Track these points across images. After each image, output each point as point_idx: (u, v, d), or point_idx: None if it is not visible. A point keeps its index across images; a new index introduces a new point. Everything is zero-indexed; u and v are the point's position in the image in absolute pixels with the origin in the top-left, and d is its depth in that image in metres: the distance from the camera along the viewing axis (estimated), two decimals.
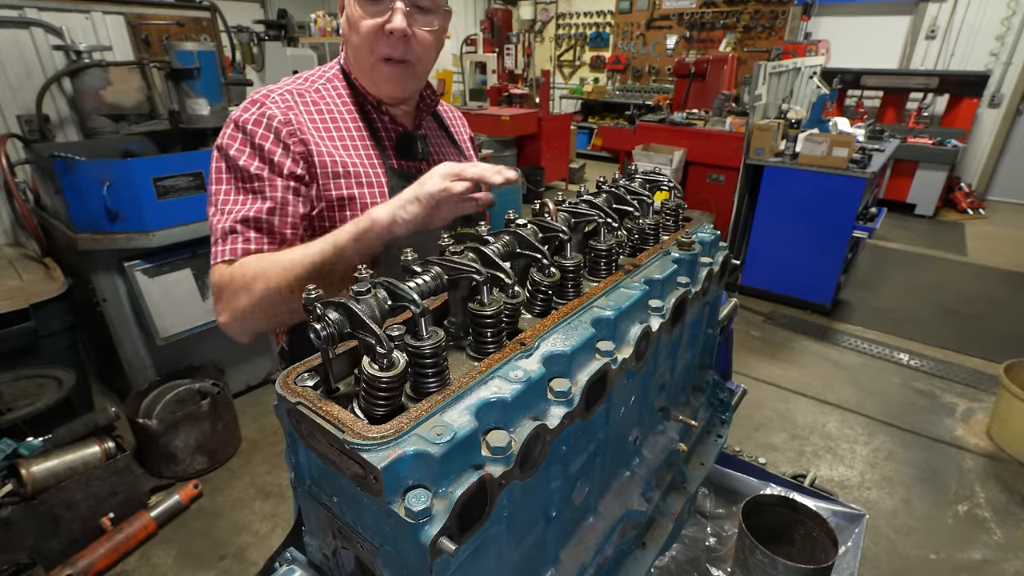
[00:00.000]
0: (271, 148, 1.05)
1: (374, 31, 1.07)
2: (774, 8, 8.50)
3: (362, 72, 1.16)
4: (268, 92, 1.11)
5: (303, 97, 1.14)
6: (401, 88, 1.17)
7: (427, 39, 1.12)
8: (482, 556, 0.65)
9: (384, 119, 1.22)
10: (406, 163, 1.23)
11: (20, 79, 3.46)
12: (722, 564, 1.25)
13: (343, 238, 0.94)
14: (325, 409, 0.58)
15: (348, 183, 1.12)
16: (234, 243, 1.03)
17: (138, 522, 2.48)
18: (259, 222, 1.04)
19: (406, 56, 1.10)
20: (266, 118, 1.06)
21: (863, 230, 4.84)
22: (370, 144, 1.19)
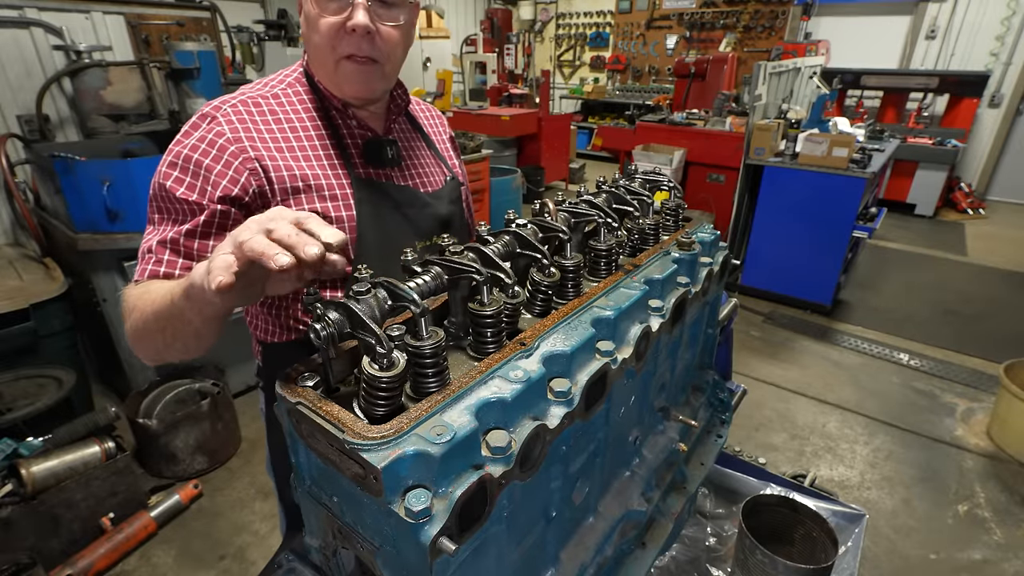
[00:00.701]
0: (210, 165, 0.96)
1: (334, 29, 0.99)
2: (774, 8, 8.50)
3: (325, 73, 1.08)
4: (221, 104, 1.03)
5: (259, 106, 1.06)
6: (367, 88, 1.08)
7: (393, 35, 1.03)
8: (482, 556, 0.65)
9: (351, 123, 1.13)
10: (375, 171, 1.15)
11: (20, 79, 3.46)
12: (722, 564, 1.25)
13: (178, 290, 0.78)
14: (325, 409, 0.58)
15: (309, 197, 1.05)
16: (146, 264, 0.95)
17: (138, 522, 2.48)
18: (175, 244, 0.95)
19: (371, 54, 1.02)
20: (212, 135, 0.99)
21: (863, 230, 4.84)
22: (334, 153, 1.10)
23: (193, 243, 0.96)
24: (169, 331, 0.85)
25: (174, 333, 0.85)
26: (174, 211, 0.97)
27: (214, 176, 0.97)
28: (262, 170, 1.00)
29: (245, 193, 0.99)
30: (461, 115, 6.74)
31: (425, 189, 1.23)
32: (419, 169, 1.24)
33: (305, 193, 1.04)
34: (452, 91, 7.16)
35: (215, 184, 0.96)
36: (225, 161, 0.98)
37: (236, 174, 0.98)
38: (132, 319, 0.91)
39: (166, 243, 0.96)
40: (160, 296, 0.84)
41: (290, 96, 1.11)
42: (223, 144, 0.98)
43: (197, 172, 0.97)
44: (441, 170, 1.30)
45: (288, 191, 1.03)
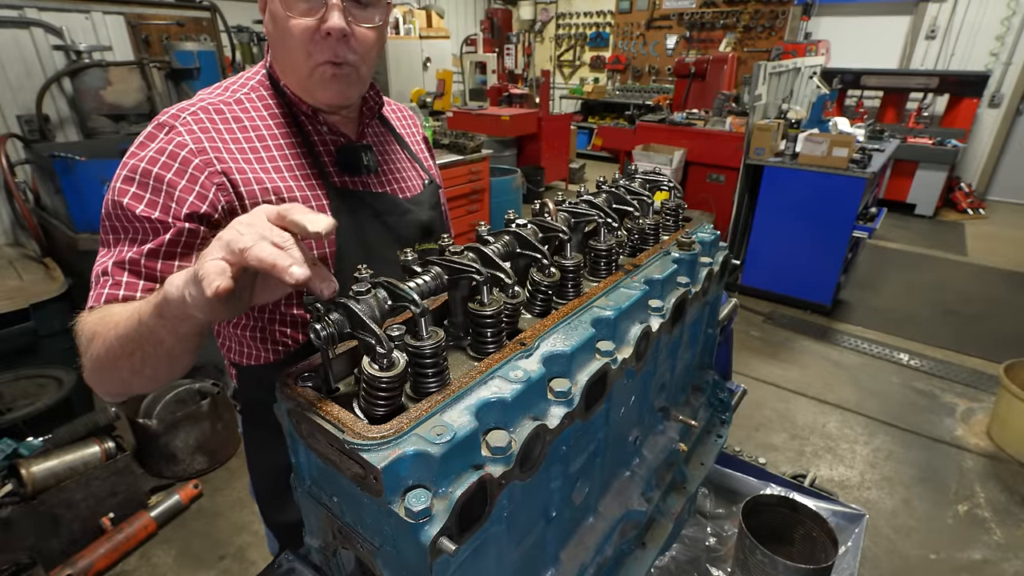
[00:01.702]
0: (172, 180, 0.88)
1: (307, 32, 0.92)
2: (774, 8, 8.50)
3: (296, 79, 1.00)
4: (179, 112, 0.94)
5: (222, 113, 0.97)
6: (343, 95, 1.01)
7: (369, 37, 0.97)
8: (482, 556, 0.65)
9: (321, 130, 1.06)
10: (351, 179, 1.08)
11: (20, 79, 3.46)
12: (722, 564, 1.25)
13: (145, 310, 0.72)
14: (325, 409, 0.58)
15: None
16: (102, 287, 0.86)
17: (138, 522, 2.48)
18: (135, 264, 0.86)
19: (348, 59, 0.96)
20: (172, 146, 0.90)
21: (863, 230, 4.84)
22: (306, 162, 1.03)
23: (156, 264, 0.87)
24: (138, 356, 0.76)
25: (143, 358, 0.76)
26: (132, 230, 0.88)
27: (179, 192, 0.88)
28: (230, 184, 0.92)
29: (214, 210, 0.90)
30: (461, 115, 6.74)
31: (404, 195, 1.18)
32: (397, 174, 1.19)
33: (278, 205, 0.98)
34: (452, 91, 7.16)
35: (180, 200, 0.87)
36: (190, 175, 0.89)
37: (203, 189, 0.89)
38: (92, 348, 0.81)
39: (124, 264, 0.86)
40: (125, 318, 0.76)
41: (254, 101, 1.02)
42: (186, 156, 0.89)
43: (158, 188, 0.87)
44: (418, 173, 1.25)
45: (260, 204, 0.93)
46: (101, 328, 0.80)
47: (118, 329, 0.77)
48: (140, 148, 0.91)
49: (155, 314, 0.70)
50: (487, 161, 4.78)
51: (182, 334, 0.72)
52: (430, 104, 6.81)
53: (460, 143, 4.63)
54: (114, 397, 0.91)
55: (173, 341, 0.73)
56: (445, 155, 4.50)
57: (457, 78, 8.49)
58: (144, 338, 0.74)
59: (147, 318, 0.72)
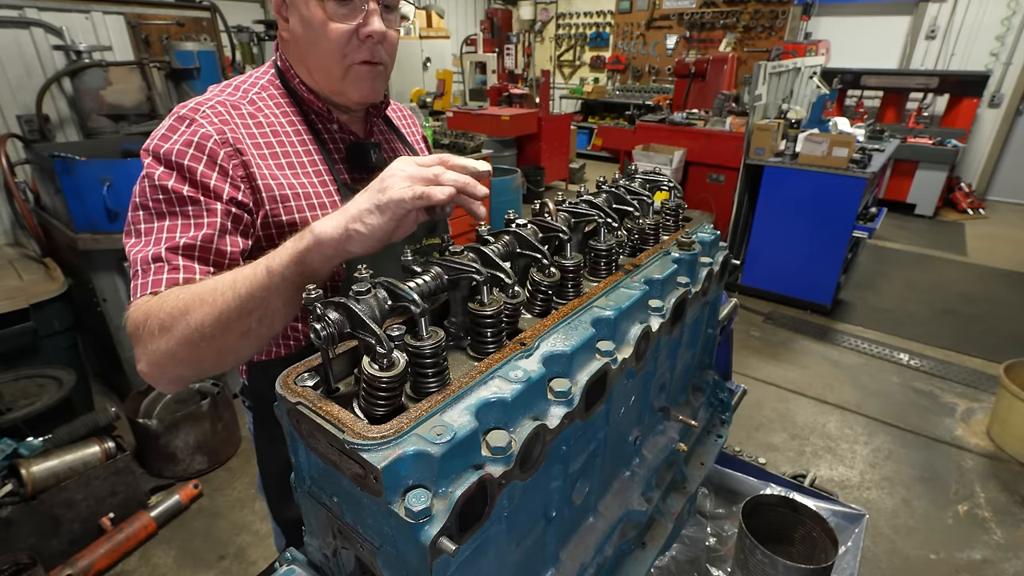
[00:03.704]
0: (205, 172, 0.89)
1: (346, 36, 0.96)
2: (774, 8, 8.50)
3: (327, 80, 1.03)
4: (197, 105, 0.96)
5: (237, 109, 0.99)
6: (375, 92, 1.06)
7: (395, 39, 1.05)
8: (482, 556, 0.65)
9: (332, 128, 1.10)
10: (359, 176, 1.12)
11: (20, 79, 3.46)
12: (722, 564, 1.25)
13: (279, 262, 0.76)
14: (325, 409, 0.58)
15: (299, 206, 1.00)
16: (159, 273, 0.85)
17: (138, 522, 2.48)
18: (193, 250, 0.87)
19: (382, 58, 1.02)
20: (198, 138, 0.91)
21: (863, 230, 4.84)
22: (318, 159, 1.06)
23: (212, 247, 0.88)
24: (255, 316, 0.78)
25: (260, 317, 0.78)
26: (180, 214, 0.89)
27: (213, 183, 0.91)
28: (249, 177, 0.95)
29: (248, 199, 0.94)
30: (461, 115, 6.74)
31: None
32: None
33: (294, 201, 1.00)
34: (452, 91, 7.16)
35: (218, 190, 0.91)
36: (220, 167, 0.91)
37: (235, 180, 0.93)
38: (174, 330, 0.79)
39: (177, 250, 0.87)
40: (242, 279, 0.77)
41: (265, 100, 1.05)
42: (212, 148, 0.91)
43: (195, 180, 0.90)
44: None
45: (276, 199, 0.98)
46: (199, 301, 0.78)
47: (235, 291, 0.77)
48: (164, 140, 0.91)
49: (295, 262, 0.76)
50: (487, 161, 4.77)
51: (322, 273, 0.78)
52: (430, 104, 6.81)
53: (460, 143, 4.63)
54: (180, 382, 0.89)
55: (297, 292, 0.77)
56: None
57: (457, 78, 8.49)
58: (273, 293, 0.77)
59: (282, 268, 0.76)
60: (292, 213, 0.99)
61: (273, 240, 0.99)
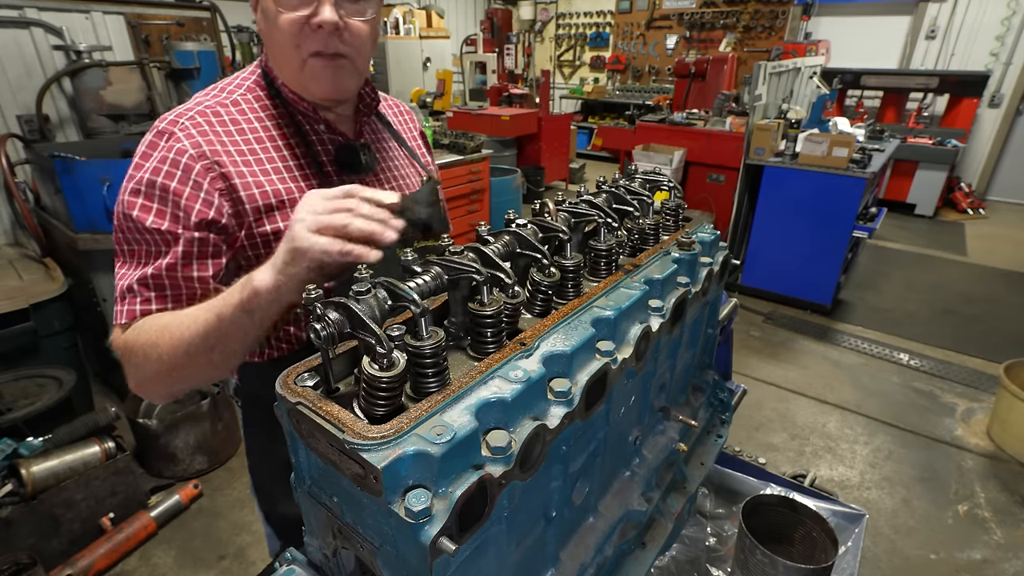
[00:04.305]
0: (178, 188, 0.89)
1: (298, 25, 0.92)
2: (774, 8, 8.50)
3: (290, 74, 1.00)
4: (177, 117, 0.95)
5: (219, 116, 0.97)
6: (337, 87, 1.00)
7: (362, 30, 0.97)
8: (482, 556, 0.65)
9: (319, 129, 1.06)
10: (349, 178, 1.07)
11: (20, 79, 3.47)
12: (722, 564, 1.25)
13: (228, 308, 0.79)
14: (325, 409, 0.58)
15: (283, 214, 0.98)
16: (131, 304, 0.90)
17: (138, 522, 2.48)
18: (158, 279, 0.89)
19: (340, 50, 0.96)
20: (173, 153, 0.90)
21: (863, 230, 4.84)
22: (304, 162, 1.03)
23: (177, 275, 0.90)
24: (218, 351, 0.83)
25: (223, 352, 0.83)
26: (146, 242, 0.90)
27: (185, 200, 0.89)
28: (230, 189, 0.93)
29: (221, 215, 0.92)
30: (461, 115, 6.74)
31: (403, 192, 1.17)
32: (395, 172, 1.19)
33: (279, 210, 0.98)
34: (452, 91, 7.16)
35: (188, 208, 0.89)
36: (194, 182, 0.90)
37: (208, 195, 0.91)
38: (151, 360, 0.85)
39: (147, 281, 0.90)
40: (200, 320, 0.81)
41: (251, 102, 1.02)
42: (187, 163, 0.90)
43: (165, 198, 0.89)
44: (417, 170, 1.25)
45: (260, 209, 0.96)
46: (165, 335, 0.84)
47: (194, 329, 0.82)
48: (144, 159, 0.92)
49: (241, 309, 0.78)
50: (487, 161, 4.78)
51: (268, 322, 0.80)
52: (430, 104, 6.80)
53: (460, 143, 4.63)
54: (170, 397, 0.97)
55: (257, 330, 0.81)
56: (445, 155, 4.50)
57: (457, 78, 8.49)
58: (227, 334, 0.81)
59: (231, 314, 0.79)
60: (277, 222, 0.97)
61: (259, 249, 0.97)
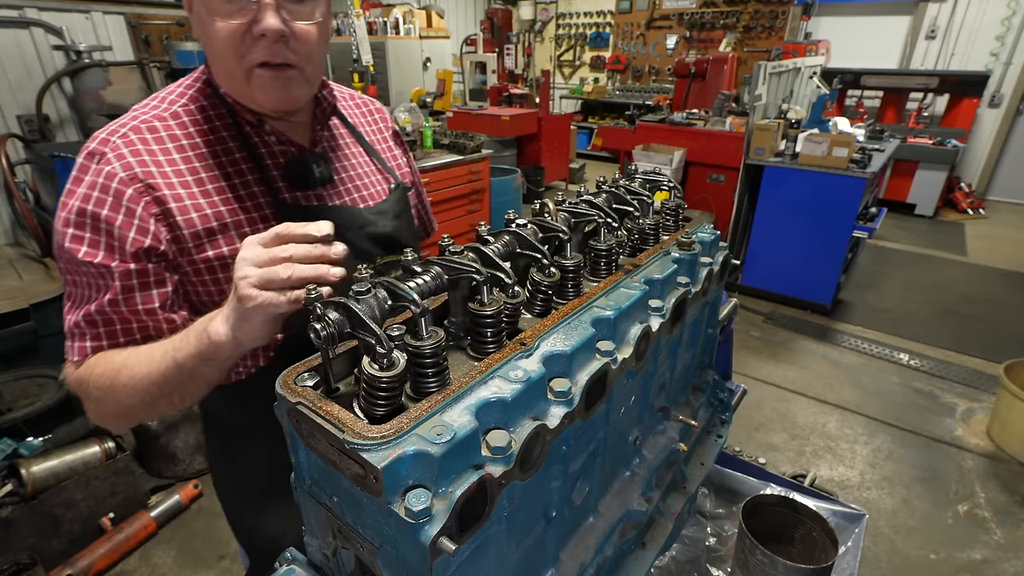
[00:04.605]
0: (109, 217, 0.82)
1: (237, 35, 0.82)
2: (774, 8, 8.50)
3: (233, 85, 0.91)
4: (108, 136, 0.86)
5: (156, 131, 0.89)
6: (287, 98, 0.91)
7: (310, 34, 0.87)
8: (482, 556, 0.65)
9: (269, 140, 0.97)
10: (302, 194, 0.99)
11: (20, 79, 3.47)
12: (722, 564, 1.25)
13: (184, 355, 0.76)
14: (325, 409, 0.58)
15: (227, 239, 0.90)
16: (80, 341, 0.86)
17: (138, 522, 2.48)
18: (103, 315, 0.84)
19: (289, 59, 0.87)
20: (102, 178, 0.82)
21: (863, 230, 4.84)
22: (252, 178, 0.94)
23: (121, 309, 0.84)
24: (177, 395, 0.82)
25: (183, 395, 0.82)
26: (84, 275, 0.84)
27: (118, 229, 0.82)
28: (165, 214, 0.86)
29: (159, 242, 0.85)
30: (461, 115, 6.74)
31: (365, 203, 1.09)
32: (357, 181, 1.10)
33: (222, 234, 0.90)
34: (452, 91, 7.16)
35: (122, 238, 0.82)
36: (126, 208, 0.83)
37: (142, 222, 0.84)
38: (115, 398, 0.83)
39: (91, 318, 0.85)
40: (156, 366, 0.79)
41: (193, 114, 0.93)
42: (118, 188, 0.82)
43: (98, 227, 0.82)
44: (384, 177, 1.16)
45: (201, 235, 0.88)
46: (123, 378, 0.82)
47: (152, 376, 0.80)
48: (75, 184, 0.85)
49: (199, 358, 0.75)
50: (487, 161, 4.78)
51: (229, 365, 0.79)
52: (430, 104, 6.80)
53: (460, 143, 4.63)
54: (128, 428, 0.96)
55: (219, 373, 0.80)
56: (445, 155, 4.50)
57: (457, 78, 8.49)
58: (185, 380, 0.79)
59: (189, 363, 0.76)
60: (221, 247, 0.90)
61: (204, 276, 0.91)
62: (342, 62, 7.15)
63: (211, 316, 0.76)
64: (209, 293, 0.92)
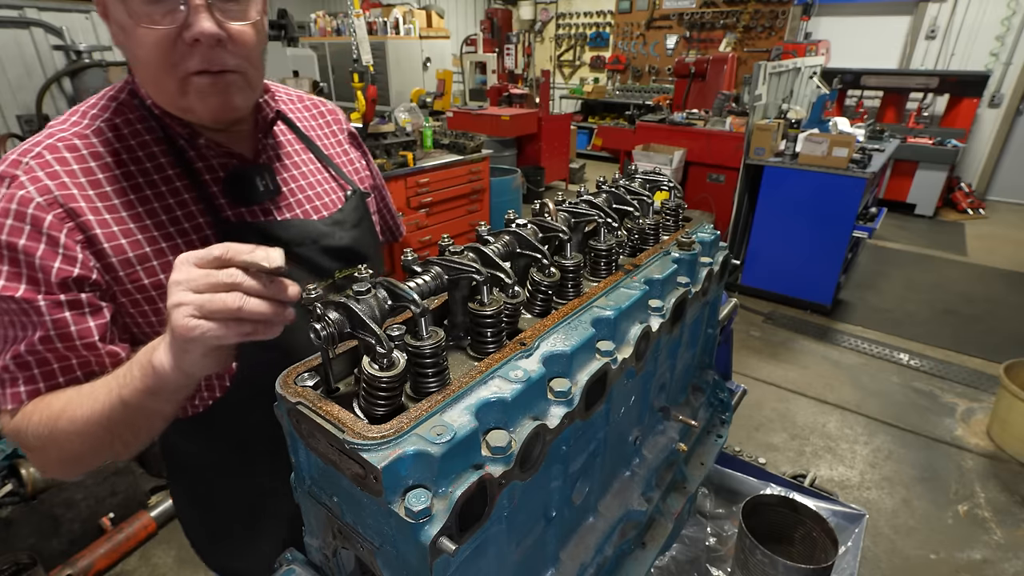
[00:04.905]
0: (28, 247, 0.73)
1: (168, 42, 0.74)
2: (774, 8, 8.51)
3: (166, 97, 0.81)
4: (20, 156, 0.78)
5: (75, 151, 0.80)
6: (228, 107, 0.83)
7: (248, 36, 0.79)
8: (482, 556, 0.65)
9: (206, 153, 0.89)
10: (247, 209, 0.91)
11: (20, 79, 3.47)
12: (722, 564, 1.25)
13: (130, 392, 0.69)
14: (325, 409, 0.58)
15: (164, 264, 0.82)
16: (13, 387, 0.76)
17: (138, 522, 2.48)
18: (36, 355, 0.76)
19: (229, 64, 0.78)
20: (16, 204, 0.74)
21: (863, 230, 4.85)
22: (188, 197, 0.86)
23: (55, 346, 0.75)
24: (129, 433, 0.74)
25: (135, 432, 0.75)
26: (7, 312, 0.75)
27: (39, 259, 0.74)
28: (90, 241, 0.77)
29: (89, 271, 0.77)
30: (461, 115, 6.75)
31: (319, 214, 1.01)
32: (309, 191, 1.02)
33: (157, 259, 0.82)
34: (452, 91, 7.16)
35: (45, 268, 0.74)
36: (47, 237, 0.74)
37: (68, 250, 0.75)
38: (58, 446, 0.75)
39: (23, 360, 0.76)
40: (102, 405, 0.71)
41: (118, 128, 0.84)
42: (35, 214, 0.74)
43: (15, 258, 0.73)
44: (339, 184, 1.08)
45: (132, 261, 0.80)
46: (64, 423, 0.73)
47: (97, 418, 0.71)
48: None
49: (146, 392, 0.68)
50: (487, 161, 4.78)
51: (181, 396, 0.72)
52: (430, 104, 6.81)
53: (460, 143, 4.63)
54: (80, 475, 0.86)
55: (171, 406, 0.73)
56: (445, 155, 4.50)
57: (457, 78, 8.50)
58: (134, 417, 0.72)
59: (136, 399, 0.69)
60: (157, 273, 0.82)
61: (142, 306, 0.83)
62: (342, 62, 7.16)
63: (153, 345, 0.68)
64: (150, 324, 0.84)
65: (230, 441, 0.97)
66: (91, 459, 0.78)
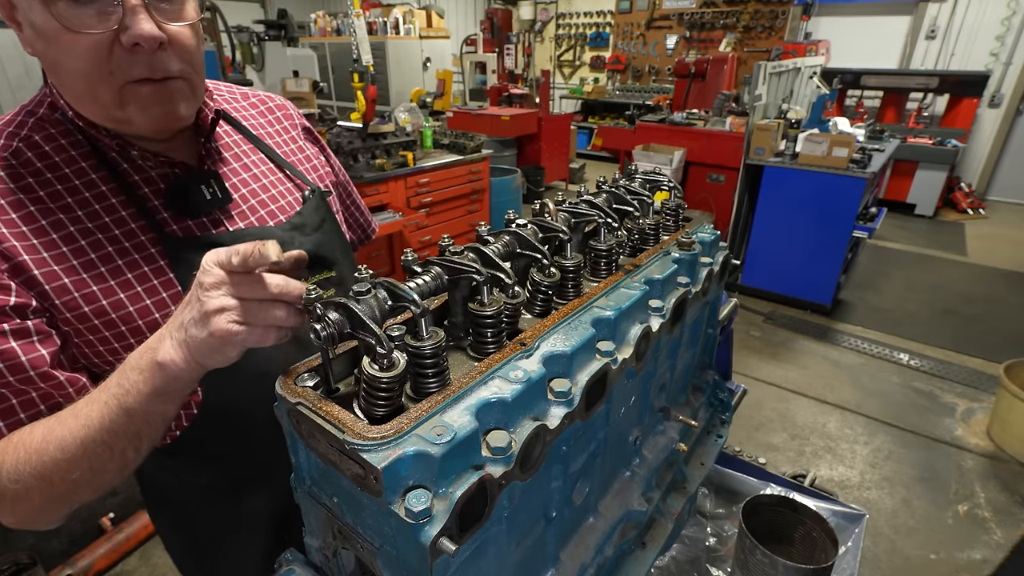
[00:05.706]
0: None
1: (103, 49, 0.67)
2: (774, 8, 8.51)
3: (98, 109, 0.73)
4: None
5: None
6: (172, 116, 0.76)
7: (188, 38, 0.73)
8: (482, 556, 0.65)
9: (144, 165, 0.81)
10: (194, 222, 0.84)
11: (20, 79, 3.46)
12: (722, 564, 1.25)
13: (137, 400, 0.63)
14: (325, 409, 0.58)
15: (105, 290, 0.75)
16: None
17: (138, 522, 2.48)
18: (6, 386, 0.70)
19: (171, 71, 0.72)
20: None
21: (863, 230, 4.84)
22: (127, 214, 0.78)
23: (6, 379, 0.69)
24: (131, 447, 0.68)
25: (137, 447, 0.68)
26: None
27: None
28: (15, 270, 0.70)
29: (27, 298, 0.70)
30: (461, 115, 6.75)
31: (276, 220, 0.93)
32: (262, 195, 0.94)
33: (97, 284, 0.74)
34: (452, 91, 7.16)
35: None
36: None
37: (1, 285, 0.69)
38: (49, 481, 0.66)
39: None
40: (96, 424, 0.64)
41: (38, 146, 0.76)
42: None
43: None
44: (296, 185, 1.00)
45: (68, 287, 0.73)
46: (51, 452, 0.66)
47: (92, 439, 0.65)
48: None
49: (154, 395, 0.63)
50: (487, 161, 4.78)
51: (187, 393, 0.67)
52: (430, 104, 6.81)
53: (460, 143, 4.63)
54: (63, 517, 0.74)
55: (175, 408, 0.68)
56: (445, 155, 4.50)
57: (457, 78, 8.50)
58: (140, 426, 0.66)
59: (142, 404, 0.63)
60: (98, 300, 0.75)
61: (86, 335, 0.76)
62: (342, 62, 7.16)
63: (149, 347, 0.63)
64: (98, 354, 0.78)
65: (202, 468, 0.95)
66: (83, 491, 0.70)
